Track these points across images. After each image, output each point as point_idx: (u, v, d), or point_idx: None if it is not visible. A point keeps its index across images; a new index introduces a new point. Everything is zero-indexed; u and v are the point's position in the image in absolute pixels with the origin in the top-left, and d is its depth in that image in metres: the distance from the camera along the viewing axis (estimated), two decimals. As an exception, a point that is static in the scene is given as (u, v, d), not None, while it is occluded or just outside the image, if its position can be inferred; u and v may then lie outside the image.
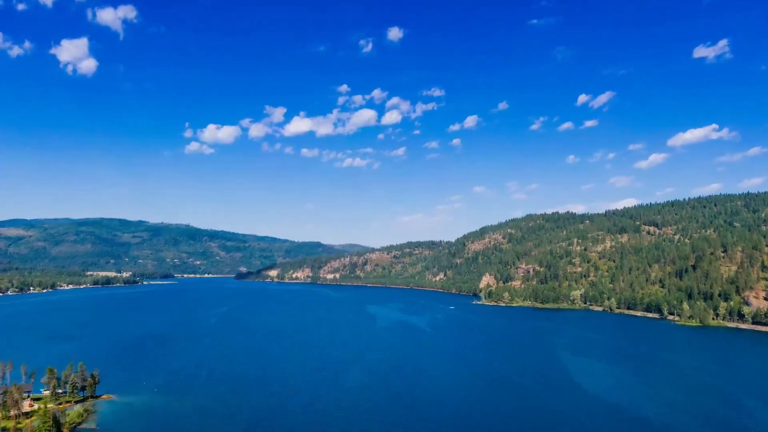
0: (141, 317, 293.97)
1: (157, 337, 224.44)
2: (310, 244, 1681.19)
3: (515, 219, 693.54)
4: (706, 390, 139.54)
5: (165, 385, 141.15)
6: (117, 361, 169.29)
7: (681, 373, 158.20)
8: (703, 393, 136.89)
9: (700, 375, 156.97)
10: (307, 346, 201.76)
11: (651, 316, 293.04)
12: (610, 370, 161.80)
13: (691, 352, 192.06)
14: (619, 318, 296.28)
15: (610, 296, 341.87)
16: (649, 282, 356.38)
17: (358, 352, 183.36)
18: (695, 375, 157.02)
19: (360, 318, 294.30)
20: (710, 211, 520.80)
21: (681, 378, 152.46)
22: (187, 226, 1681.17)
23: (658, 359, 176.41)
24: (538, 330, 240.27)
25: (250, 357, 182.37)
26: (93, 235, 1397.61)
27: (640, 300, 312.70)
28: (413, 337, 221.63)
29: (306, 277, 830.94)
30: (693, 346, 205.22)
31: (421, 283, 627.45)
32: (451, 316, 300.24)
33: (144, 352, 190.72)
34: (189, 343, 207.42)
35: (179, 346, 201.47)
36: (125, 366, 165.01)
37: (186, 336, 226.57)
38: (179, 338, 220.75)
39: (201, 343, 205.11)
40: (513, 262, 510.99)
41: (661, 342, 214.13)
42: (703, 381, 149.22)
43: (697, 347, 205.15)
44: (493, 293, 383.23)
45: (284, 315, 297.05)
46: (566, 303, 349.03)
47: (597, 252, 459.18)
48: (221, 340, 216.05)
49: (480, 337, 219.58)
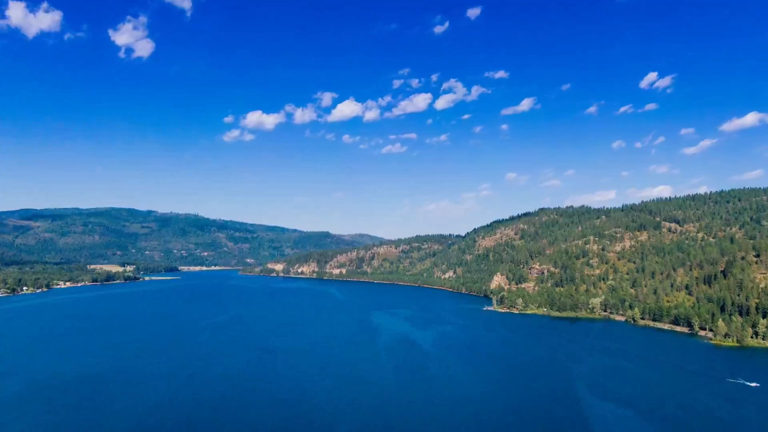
0: (104, 339, 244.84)
1: (90, 379, 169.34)
2: (319, 234, 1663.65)
3: (528, 213, 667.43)
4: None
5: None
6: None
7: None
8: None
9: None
10: (296, 381, 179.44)
11: (680, 330, 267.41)
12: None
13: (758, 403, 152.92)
14: (644, 332, 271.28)
15: (632, 304, 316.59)
16: (674, 288, 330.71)
17: (351, 397, 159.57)
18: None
19: (362, 333, 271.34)
20: (734, 206, 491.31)
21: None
22: (195, 216, 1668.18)
23: (715, 413, 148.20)
24: (555, 352, 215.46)
25: (225, 390, 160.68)
26: (101, 226, 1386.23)
27: (666, 311, 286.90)
28: (416, 363, 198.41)
29: (312, 272, 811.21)
30: (751, 375, 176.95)
31: (429, 281, 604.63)
32: (460, 330, 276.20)
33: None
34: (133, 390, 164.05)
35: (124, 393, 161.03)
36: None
37: (129, 381, 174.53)
38: (123, 383, 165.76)
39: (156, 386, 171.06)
40: (526, 261, 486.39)
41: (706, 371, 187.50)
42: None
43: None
44: (506, 298, 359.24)
45: (281, 329, 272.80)
46: (585, 311, 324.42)
47: (615, 252, 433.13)
48: (182, 382, 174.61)
49: (489, 366, 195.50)
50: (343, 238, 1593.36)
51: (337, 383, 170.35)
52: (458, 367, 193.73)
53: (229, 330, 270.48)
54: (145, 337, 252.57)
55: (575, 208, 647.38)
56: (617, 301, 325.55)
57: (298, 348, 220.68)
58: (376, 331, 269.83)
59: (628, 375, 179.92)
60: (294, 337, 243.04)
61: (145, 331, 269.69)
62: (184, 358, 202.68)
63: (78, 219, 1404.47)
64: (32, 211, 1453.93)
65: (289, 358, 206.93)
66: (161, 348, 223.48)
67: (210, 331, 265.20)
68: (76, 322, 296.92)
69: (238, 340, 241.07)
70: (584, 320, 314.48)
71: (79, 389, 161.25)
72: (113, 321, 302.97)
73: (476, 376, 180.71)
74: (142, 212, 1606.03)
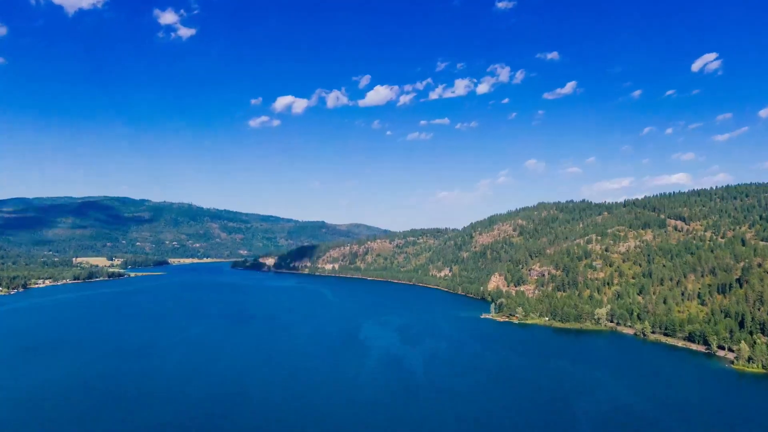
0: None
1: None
2: (314, 224, 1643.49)
3: (526, 208, 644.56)
4: None
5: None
6: None
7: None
8: None
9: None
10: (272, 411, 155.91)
11: (695, 348, 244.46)
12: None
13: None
14: (656, 350, 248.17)
15: (642, 316, 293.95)
16: (685, 297, 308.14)
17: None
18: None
19: (348, 350, 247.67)
20: (742, 203, 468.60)
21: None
22: (189, 205, 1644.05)
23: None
24: (561, 380, 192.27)
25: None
26: (92, 216, 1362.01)
27: (679, 325, 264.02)
28: (401, 398, 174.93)
29: (303, 267, 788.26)
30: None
31: (424, 280, 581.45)
32: (454, 347, 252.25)
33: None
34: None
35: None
36: None
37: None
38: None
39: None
40: (525, 261, 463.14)
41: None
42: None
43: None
44: (505, 306, 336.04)
45: (254, 354, 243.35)
46: (590, 322, 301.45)
47: (620, 253, 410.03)
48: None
49: (483, 403, 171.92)
50: (339, 228, 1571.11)
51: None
52: (448, 401, 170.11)
53: (183, 359, 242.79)
54: (69, 368, 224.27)
55: (575, 202, 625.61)
56: (624, 312, 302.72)
57: (271, 382, 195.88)
58: (363, 350, 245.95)
59: (646, 420, 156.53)
60: (268, 367, 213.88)
61: (75, 359, 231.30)
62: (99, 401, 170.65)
63: (69, 208, 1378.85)
64: (24, 200, 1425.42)
65: (259, 397, 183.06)
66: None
67: (153, 359, 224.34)
68: (44, 326, 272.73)
69: (189, 376, 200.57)
70: (589, 333, 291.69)
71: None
72: (52, 337, 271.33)
73: (467, 416, 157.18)
74: (136, 201, 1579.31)
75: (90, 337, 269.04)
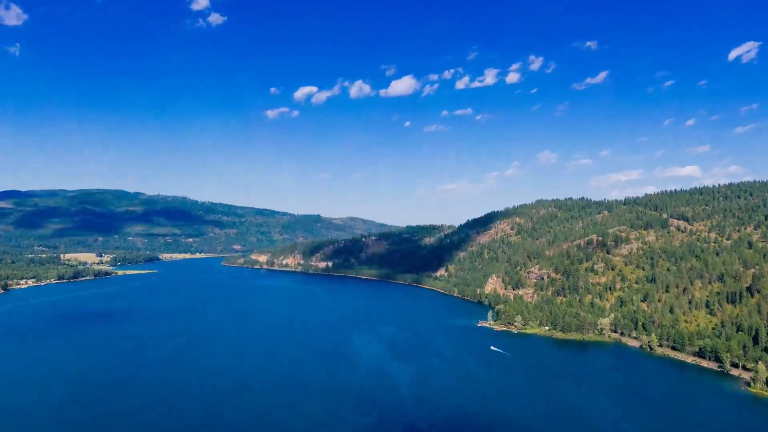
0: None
1: None
2: (310, 217, 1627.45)
3: (524, 205, 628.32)
4: None
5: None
6: None
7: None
8: None
9: None
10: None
11: (706, 365, 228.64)
12: None
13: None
14: (664, 367, 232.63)
15: (647, 326, 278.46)
16: (692, 305, 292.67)
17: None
18: None
19: (333, 366, 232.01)
20: (746, 202, 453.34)
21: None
22: (183, 198, 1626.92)
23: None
24: (567, 413, 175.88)
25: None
26: (84, 210, 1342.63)
27: (688, 339, 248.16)
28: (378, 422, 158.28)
29: (297, 265, 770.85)
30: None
31: (420, 280, 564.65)
32: (447, 367, 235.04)
33: None
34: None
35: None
36: None
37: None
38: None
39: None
40: (524, 263, 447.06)
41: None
42: None
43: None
44: (503, 314, 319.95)
45: (231, 374, 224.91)
46: (592, 333, 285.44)
47: (622, 256, 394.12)
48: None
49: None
50: (334, 222, 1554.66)
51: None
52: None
53: (146, 389, 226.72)
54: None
55: (574, 200, 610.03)
56: (629, 322, 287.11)
57: (244, 419, 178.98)
58: (349, 368, 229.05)
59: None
60: (243, 397, 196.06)
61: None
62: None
63: (62, 201, 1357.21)
64: (16, 193, 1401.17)
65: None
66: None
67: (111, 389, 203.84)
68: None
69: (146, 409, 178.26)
70: (592, 344, 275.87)
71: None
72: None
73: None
74: (130, 194, 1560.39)
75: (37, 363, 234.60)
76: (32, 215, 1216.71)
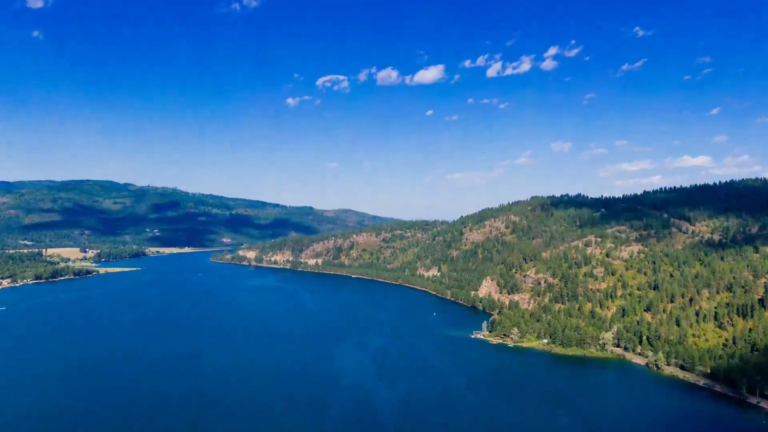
0: None
1: None
2: (301, 209, 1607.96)
3: (519, 202, 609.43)
4: None
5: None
6: None
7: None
8: None
9: None
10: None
11: (719, 390, 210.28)
12: None
13: None
14: (674, 391, 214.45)
15: (653, 341, 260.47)
16: (699, 317, 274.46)
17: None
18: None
19: (316, 384, 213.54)
20: (748, 201, 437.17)
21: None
22: (173, 189, 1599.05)
23: None
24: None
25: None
26: (71, 201, 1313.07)
27: (699, 358, 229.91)
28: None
29: (285, 262, 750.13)
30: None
31: (411, 281, 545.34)
32: (436, 385, 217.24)
33: None
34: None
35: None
36: None
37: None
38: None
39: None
40: (519, 265, 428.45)
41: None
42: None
43: None
44: (498, 325, 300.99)
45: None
46: (594, 348, 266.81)
47: (622, 260, 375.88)
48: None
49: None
50: (326, 214, 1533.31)
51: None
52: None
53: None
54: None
55: (570, 196, 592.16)
56: (633, 336, 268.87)
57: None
58: (327, 391, 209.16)
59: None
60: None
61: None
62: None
63: (47, 194, 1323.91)
64: (3, 184, 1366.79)
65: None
66: None
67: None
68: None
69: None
70: (594, 361, 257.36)
71: None
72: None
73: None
74: (119, 185, 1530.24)
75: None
76: (14, 208, 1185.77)
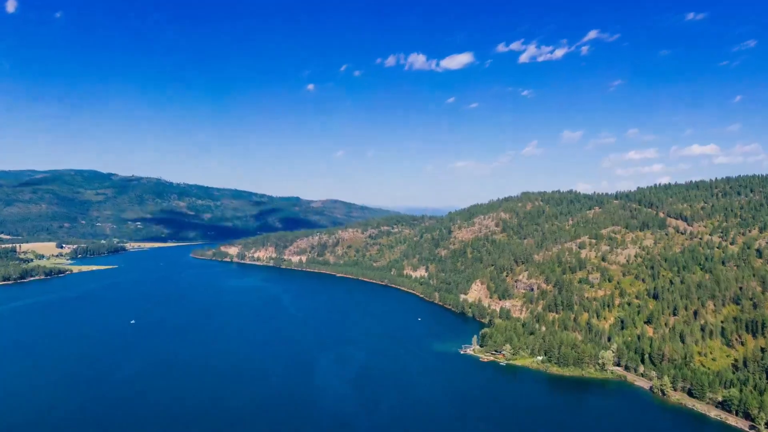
0: None
1: None
2: (288, 200, 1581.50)
3: (509, 198, 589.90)
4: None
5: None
6: None
7: None
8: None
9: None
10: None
11: (733, 423, 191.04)
12: None
13: None
14: (684, 421, 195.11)
15: (655, 360, 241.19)
16: (705, 333, 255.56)
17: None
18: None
19: (290, 408, 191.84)
20: (747, 199, 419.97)
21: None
22: (157, 180, 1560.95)
23: None
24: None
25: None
26: (51, 192, 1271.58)
27: (709, 385, 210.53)
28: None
29: (269, 258, 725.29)
30: None
31: (398, 281, 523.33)
32: (420, 412, 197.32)
33: None
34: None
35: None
36: None
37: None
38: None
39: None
40: (511, 267, 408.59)
41: None
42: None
43: None
44: (489, 340, 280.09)
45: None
46: (593, 368, 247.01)
47: (619, 264, 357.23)
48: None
49: None
50: (313, 205, 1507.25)
51: None
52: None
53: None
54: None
55: (562, 193, 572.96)
56: (634, 354, 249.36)
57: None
58: (301, 418, 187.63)
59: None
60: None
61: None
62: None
63: (27, 185, 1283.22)
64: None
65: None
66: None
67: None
68: None
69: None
70: (593, 383, 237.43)
71: None
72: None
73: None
74: (102, 175, 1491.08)
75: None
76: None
